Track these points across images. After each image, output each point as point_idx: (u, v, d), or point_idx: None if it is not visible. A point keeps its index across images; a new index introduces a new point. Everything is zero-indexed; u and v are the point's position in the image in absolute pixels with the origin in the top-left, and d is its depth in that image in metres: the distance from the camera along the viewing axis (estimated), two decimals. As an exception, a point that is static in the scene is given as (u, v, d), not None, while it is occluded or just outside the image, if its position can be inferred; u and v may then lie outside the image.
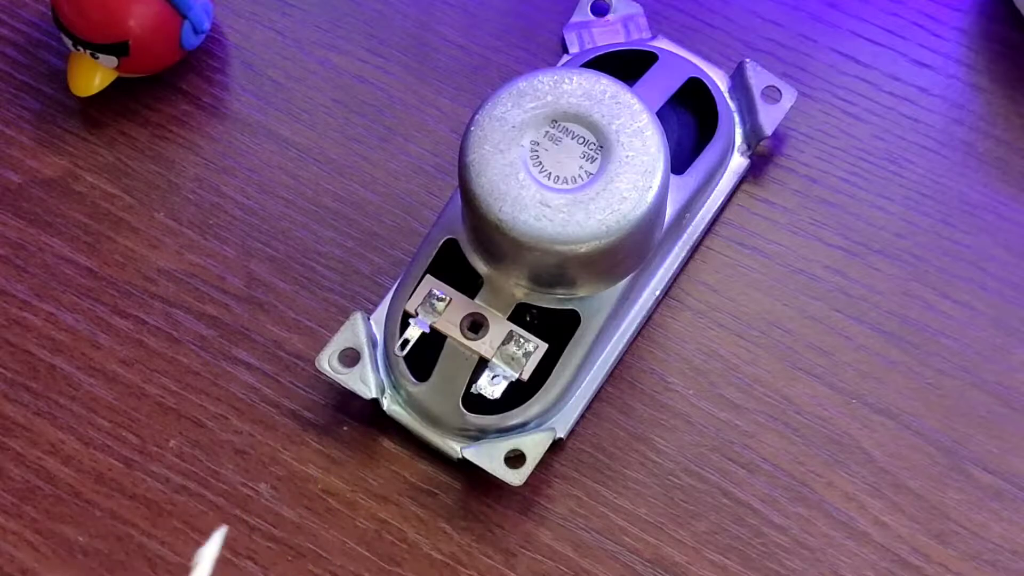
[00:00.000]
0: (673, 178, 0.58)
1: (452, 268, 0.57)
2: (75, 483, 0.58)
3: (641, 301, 0.59)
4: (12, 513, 0.58)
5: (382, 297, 0.60)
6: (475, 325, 0.56)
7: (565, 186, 0.53)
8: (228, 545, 0.57)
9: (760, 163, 0.63)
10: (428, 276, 0.57)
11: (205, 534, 0.57)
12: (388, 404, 0.58)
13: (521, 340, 0.55)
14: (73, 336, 0.61)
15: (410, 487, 0.57)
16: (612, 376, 0.59)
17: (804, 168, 0.63)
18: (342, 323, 0.58)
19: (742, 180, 0.62)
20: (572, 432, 0.58)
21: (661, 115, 0.57)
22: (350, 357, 0.58)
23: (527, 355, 0.55)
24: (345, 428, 0.59)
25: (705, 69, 0.62)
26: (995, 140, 0.63)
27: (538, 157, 0.53)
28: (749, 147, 0.62)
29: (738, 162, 0.62)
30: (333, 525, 0.56)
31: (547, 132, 0.54)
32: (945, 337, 0.60)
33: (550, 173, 0.53)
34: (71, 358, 0.60)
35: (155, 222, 0.61)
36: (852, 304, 0.60)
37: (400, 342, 0.56)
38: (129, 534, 0.57)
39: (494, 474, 0.54)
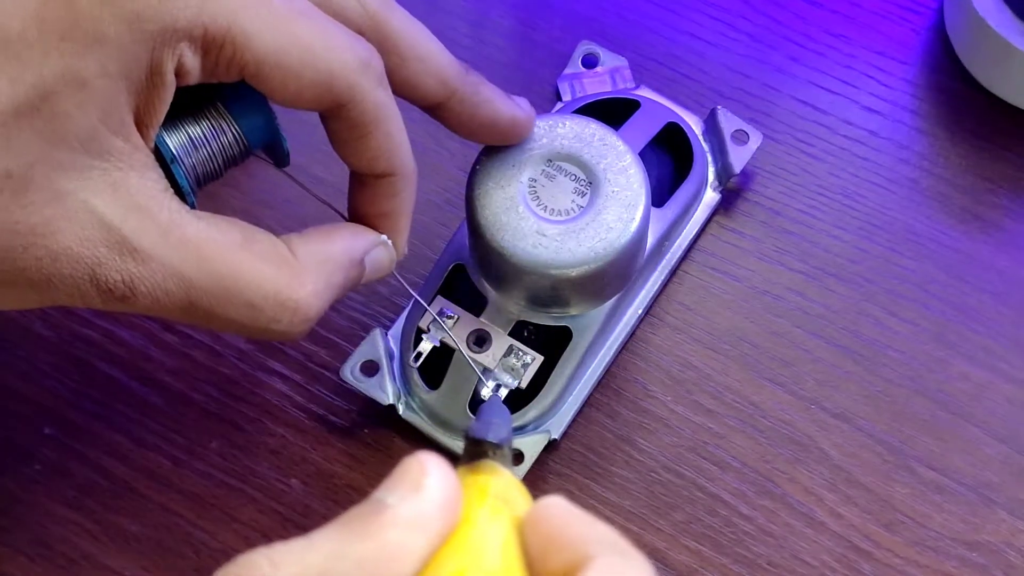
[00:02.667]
0: (654, 211, 0.58)
1: (460, 290, 0.58)
2: (129, 479, 0.59)
3: (626, 319, 0.60)
4: (74, 505, 0.59)
5: (398, 315, 0.61)
6: (480, 340, 0.57)
7: (559, 218, 0.54)
8: (263, 533, 0.58)
9: (730, 197, 0.63)
10: (439, 297, 0.57)
11: (245, 524, 0.58)
12: (403, 409, 0.58)
13: (520, 353, 0.57)
14: (128, 350, 0.61)
15: (423, 483, 0.57)
16: (600, 384, 0.60)
17: (769, 202, 0.63)
18: (364, 338, 0.59)
19: (714, 212, 0.62)
20: (565, 434, 0.59)
21: (643, 155, 0.58)
22: (370, 368, 0.58)
23: (525, 366, 0.56)
24: (366, 431, 0.60)
25: (682, 115, 0.62)
26: (937, 177, 0.64)
27: (535, 192, 0.54)
28: (720, 183, 0.62)
29: (711, 196, 0.62)
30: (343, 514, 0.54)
31: (543, 170, 0.54)
32: (893, 350, 0.61)
33: (546, 206, 0.54)
34: (126, 369, 0.61)
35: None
36: (811, 321, 0.61)
37: (414, 355, 0.57)
38: (177, 524, 0.58)
39: (496, 470, 0.52)
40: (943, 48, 0.67)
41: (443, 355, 0.57)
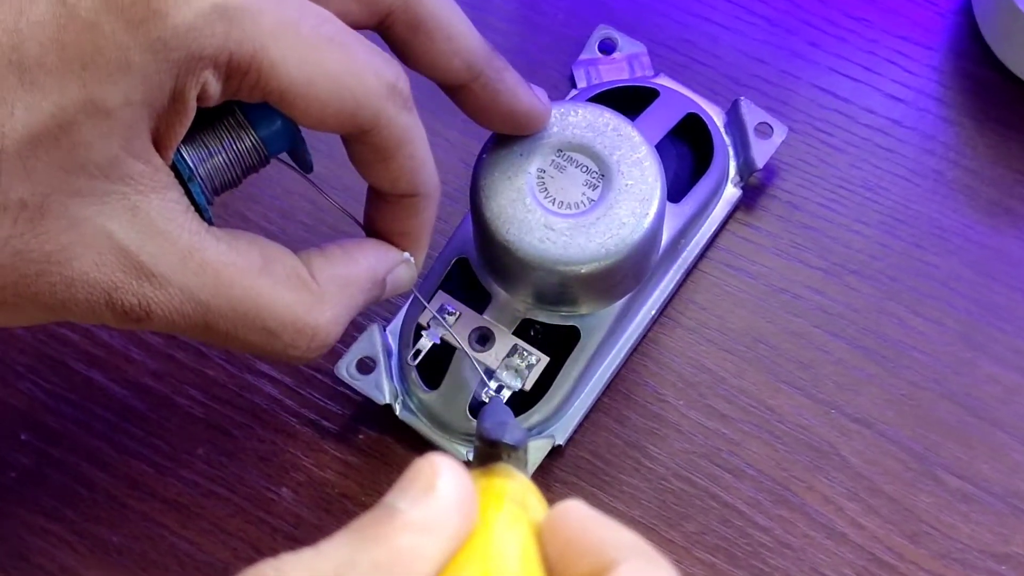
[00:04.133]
0: (670, 206, 0.58)
1: (463, 285, 0.58)
2: (110, 487, 0.59)
3: (637, 320, 0.60)
4: (53, 515, 0.59)
5: (397, 311, 0.61)
6: (482, 338, 0.57)
7: (568, 211, 0.54)
8: (252, 544, 0.58)
9: (749, 192, 0.63)
10: (440, 292, 0.58)
11: (232, 535, 0.58)
12: (400, 410, 0.58)
13: (525, 353, 0.57)
14: (108, 351, 0.61)
15: (420, 490, 0.58)
16: (609, 388, 0.60)
17: (787, 195, 0.63)
18: (360, 334, 0.59)
19: (734, 209, 0.63)
20: (571, 439, 0.59)
21: (661, 147, 0.58)
22: (367, 365, 0.58)
23: (530, 367, 0.56)
24: (360, 436, 0.60)
25: (703, 105, 0.62)
26: (963, 169, 0.64)
27: (544, 184, 0.54)
28: (742, 178, 0.62)
29: (731, 192, 0.62)
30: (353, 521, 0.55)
31: (553, 160, 0.55)
32: (917, 352, 0.60)
33: (555, 199, 0.54)
34: (106, 371, 0.61)
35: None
36: (831, 321, 0.61)
37: (413, 352, 0.57)
38: (161, 534, 0.58)
39: (497, 477, 0.55)
40: (970, 32, 0.67)
41: (444, 354, 0.58)
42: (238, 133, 0.47)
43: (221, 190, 0.47)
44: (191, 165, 0.45)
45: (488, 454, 0.42)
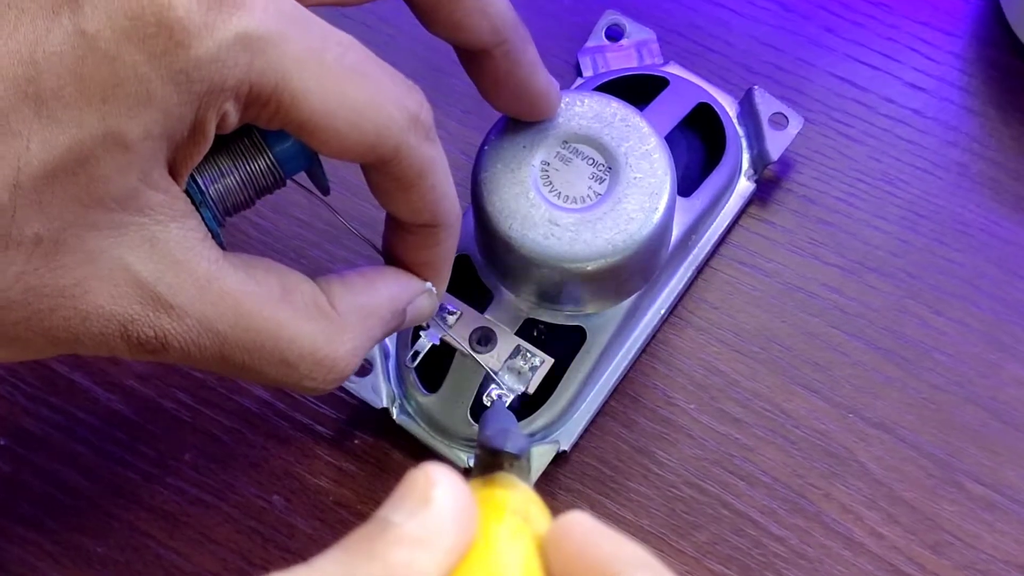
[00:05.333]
0: (680, 200, 0.58)
1: (463, 283, 0.57)
2: (93, 495, 0.59)
3: (646, 319, 0.60)
4: (32, 524, 0.58)
5: None
6: (484, 339, 0.56)
7: (574, 205, 0.54)
8: (242, 554, 0.58)
9: (763, 186, 0.63)
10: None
11: (221, 545, 0.58)
12: (398, 414, 0.58)
13: (528, 354, 0.56)
14: None
15: (419, 498, 0.58)
16: (616, 391, 0.60)
17: (802, 188, 0.63)
18: None
19: (748, 204, 0.62)
20: (576, 445, 0.59)
21: (671, 139, 0.58)
22: (363, 367, 0.58)
23: (533, 369, 0.56)
24: (356, 441, 0.60)
25: (715, 95, 0.62)
26: (988, 161, 0.63)
27: (548, 176, 0.54)
28: (755, 171, 0.62)
29: (744, 186, 0.62)
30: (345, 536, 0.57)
31: (558, 152, 0.54)
32: (939, 353, 0.60)
33: (559, 192, 0.54)
34: (89, 373, 0.61)
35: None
36: (848, 321, 0.61)
37: (411, 353, 0.56)
38: (146, 545, 0.58)
39: (500, 484, 0.55)
40: (995, 18, 0.66)
41: (443, 355, 0.57)
42: (252, 153, 0.47)
43: (233, 212, 0.47)
44: (202, 188, 0.45)
45: (489, 463, 0.42)
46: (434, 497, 0.35)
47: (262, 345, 0.45)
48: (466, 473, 0.56)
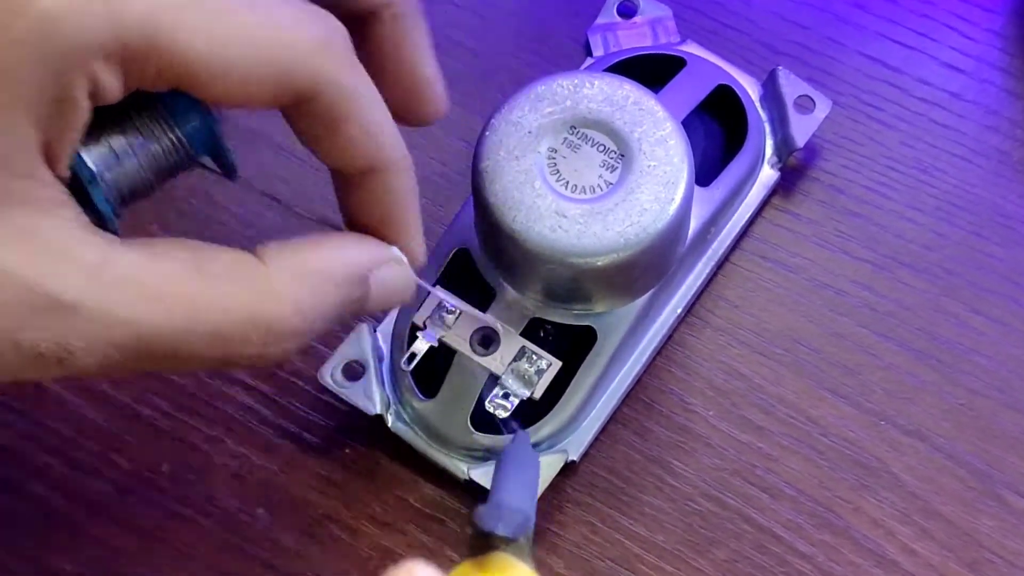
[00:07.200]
0: (698, 190, 0.58)
1: (463, 280, 0.57)
2: (64, 509, 0.59)
3: (661, 319, 0.60)
4: None
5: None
6: (486, 340, 0.56)
7: (583, 196, 0.53)
8: (224, 573, 0.58)
9: (788, 175, 0.63)
10: (438, 287, 0.56)
11: (201, 562, 0.58)
12: (392, 421, 0.58)
13: (534, 357, 0.56)
14: None
15: (415, 513, 0.57)
16: (628, 396, 0.60)
17: (829, 177, 0.63)
18: (347, 336, 0.59)
19: (771, 194, 0.63)
20: (585, 455, 0.58)
21: (688, 123, 0.57)
22: (354, 371, 0.58)
23: (540, 372, 0.56)
24: (347, 450, 0.59)
25: (736, 76, 0.62)
26: None
27: (555, 165, 0.53)
28: (780, 159, 0.62)
29: (767, 174, 0.62)
30: (335, 553, 0.57)
31: (565, 139, 0.54)
32: (978, 355, 0.60)
33: (567, 182, 0.53)
34: (59, 378, 0.57)
35: (148, 234, 0.60)
36: (880, 320, 0.61)
37: (407, 356, 0.56)
38: (120, 562, 0.58)
39: (503, 498, 0.55)
40: None
41: (441, 357, 0.57)
42: (151, 128, 0.44)
43: (132, 198, 0.45)
44: (92, 169, 0.43)
45: (482, 544, 0.41)
46: None
47: (181, 321, 0.42)
48: (466, 486, 0.56)
